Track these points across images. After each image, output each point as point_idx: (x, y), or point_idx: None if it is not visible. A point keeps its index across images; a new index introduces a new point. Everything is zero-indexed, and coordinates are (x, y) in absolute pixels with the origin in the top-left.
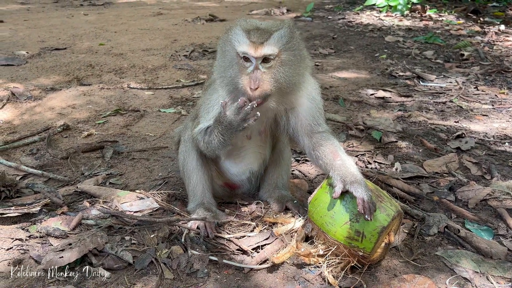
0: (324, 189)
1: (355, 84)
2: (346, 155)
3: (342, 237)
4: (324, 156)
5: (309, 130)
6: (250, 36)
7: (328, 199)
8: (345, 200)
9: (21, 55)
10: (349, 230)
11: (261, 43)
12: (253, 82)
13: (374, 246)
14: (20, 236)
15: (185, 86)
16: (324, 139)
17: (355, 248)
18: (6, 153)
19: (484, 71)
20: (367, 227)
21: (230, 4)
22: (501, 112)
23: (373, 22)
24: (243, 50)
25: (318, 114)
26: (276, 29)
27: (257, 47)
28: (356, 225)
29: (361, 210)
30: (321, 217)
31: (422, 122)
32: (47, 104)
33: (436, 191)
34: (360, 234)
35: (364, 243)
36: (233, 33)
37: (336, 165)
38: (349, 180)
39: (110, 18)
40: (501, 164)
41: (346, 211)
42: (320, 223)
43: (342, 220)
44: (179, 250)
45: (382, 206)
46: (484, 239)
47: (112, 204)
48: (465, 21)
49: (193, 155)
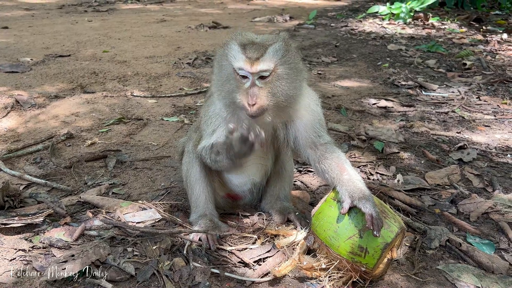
0: (328, 203)
1: (357, 93)
2: (352, 169)
3: (345, 252)
4: (330, 169)
5: (311, 142)
6: (246, 52)
7: (333, 213)
8: (349, 216)
9: (26, 62)
10: (352, 245)
11: (257, 59)
12: (250, 98)
13: (376, 262)
14: (23, 247)
15: (188, 94)
16: (328, 151)
17: (357, 263)
18: (10, 161)
19: (487, 80)
20: (371, 243)
21: (233, 11)
22: (503, 123)
23: (375, 30)
24: (239, 65)
25: (319, 125)
26: (271, 43)
27: (253, 62)
28: (360, 241)
29: (370, 226)
30: (324, 231)
31: (424, 132)
32: (51, 112)
33: (437, 203)
34: (363, 250)
35: (367, 258)
36: (229, 48)
37: (344, 180)
38: (357, 196)
39: (114, 25)
40: (503, 176)
41: (350, 226)
42: (323, 236)
43: (346, 235)
44: (181, 262)
45: (386, 222)
46: (485, 253)
47: (115, 215)
48: (468, 30)
49: (196, 167)
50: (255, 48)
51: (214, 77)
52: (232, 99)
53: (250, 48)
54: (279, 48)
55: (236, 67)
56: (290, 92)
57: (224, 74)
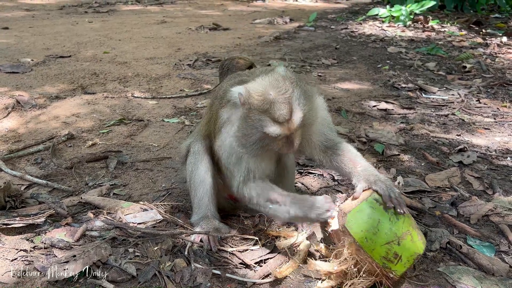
0: (370, 203)
1: (357, 95)
2: (365, 161)
3: (379, 256)
4: (344, 165)
5: (324, 146)
6: (277, 118)
7: (374, 215)
8: (391, 221)
9: (26, 62)
10: (388, 251)
11: (288, 120)
12: (291, 145)
13: (405, 270)
14: (24, 247)
15: (188, 95)
16: (340, 149)
17: (387, 269)
18: (11, 162)
19: (486, 83)
20: (406, 252)
21: (234, 13)
22: (503, 125)
23: (375, 32)
24: (276, 133)
25: (329, 131)
26: (289, 95)
27: (288, 127)
28: (397, 248)
29: (390, 205)
30: (361, 231)
31: (425, 135)
32: (51, 113)
33: (438, 205)
34: (398, 257)
35: (398, 266)
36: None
37: (358, 171)
38: (373, 179)
39: (115, 26)
40: (503, 179)
41: (391, 231)
42: (359, 236)
43: (384, 240)
44: (182, 263)
45: (419, 233)
46: (486, 256)
47: (116, 216)
48: (468, 33)
49: (201, 167)
50: (282, 108)
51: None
52: (263, 149)
53: (277, 111)
54: (299, 96)
55: (272, 133)
56: (312, 121)
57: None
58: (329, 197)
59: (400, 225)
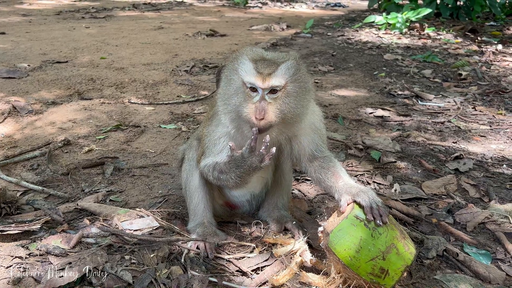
0: (351, 220)
1: (354, 102)
2: (347, 176)
3: (365, 272)
4: (326, 178)
5: (312, 156)
6: (257, 67)
7: (355, 233)
8: (373, 236)
9: (23, 67)
10: (373, 267)
11: (269, 74)
12: (258, 112)
13: (394, 283)
14: (20, 254)
15: (185, 102)
16: (326, 162)
17: (375, 284)
18: (6, 168)
19: (482, 91)
20: (392, 265)
21: (231, 19)
22: (498, 133)
23: (372, 39)
24: (250, 80)
25: (321, 142)
26: (282, 60)
27: (264, 78)
28: (382, 263)
29: (370, 217)
30: (344, 250)
31: (421, 142)
32: (48, 118)
33: (434, 213)
34: (384, 272)
35: (386, 280)
36: (240, 63)
37: (339, 185)
38: (355, 191)
39: (111, 31)
40: (499, 186)
41: (374, 248)
42: (342, 256)
43: (368, 257)
44: (178, 271)
45: (406, 244)
46: (482, 264)
47: (112, 222)
48: (463, 40)
49: (196, 175)
50: (267, 64)
51: (221, 91)
52: (239, 112)
53: (262, 64)
54: (291, 66)
55: (247, 81)
56: (297, 110)
57: (232, 88)
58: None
59: (383, 239)
